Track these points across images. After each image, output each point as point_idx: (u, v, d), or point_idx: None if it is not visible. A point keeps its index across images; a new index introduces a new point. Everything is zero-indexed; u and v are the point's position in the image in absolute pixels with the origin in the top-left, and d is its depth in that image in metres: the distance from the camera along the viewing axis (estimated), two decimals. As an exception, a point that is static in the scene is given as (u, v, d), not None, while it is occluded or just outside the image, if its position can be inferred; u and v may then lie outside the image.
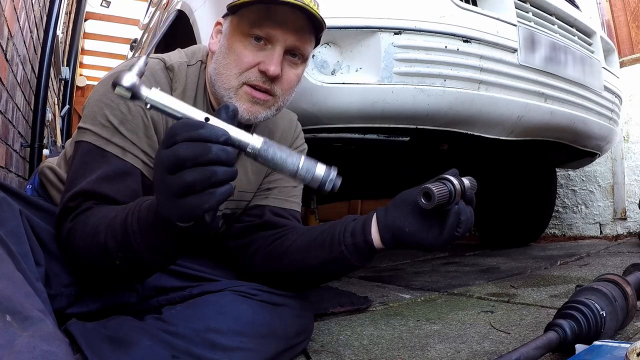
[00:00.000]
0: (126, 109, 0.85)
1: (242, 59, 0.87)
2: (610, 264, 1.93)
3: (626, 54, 3.09)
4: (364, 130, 1.50)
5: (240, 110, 0.89)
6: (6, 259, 0.63)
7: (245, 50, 0.87)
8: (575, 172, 3.21)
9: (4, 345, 0.51)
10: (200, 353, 0.80)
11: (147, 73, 0.87)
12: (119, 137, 0.84)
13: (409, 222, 0.80)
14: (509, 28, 1.58)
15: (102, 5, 5.62)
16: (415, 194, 0.78)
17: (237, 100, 0.89)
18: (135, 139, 0.85)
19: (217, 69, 0.90)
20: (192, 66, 0.95)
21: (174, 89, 0.91)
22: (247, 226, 1.04)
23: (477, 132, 1.60)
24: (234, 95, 0.89)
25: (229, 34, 0.90)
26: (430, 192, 0.74)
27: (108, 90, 0.85)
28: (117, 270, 0.75)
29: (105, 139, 0.83)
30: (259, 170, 1.06)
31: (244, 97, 0.89)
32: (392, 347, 1.05)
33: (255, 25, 0.86)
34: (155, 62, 0.91)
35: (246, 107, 0.89)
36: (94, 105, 0.86)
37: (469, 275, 1.92)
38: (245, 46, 0.87)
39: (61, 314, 0.80)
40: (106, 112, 0.84)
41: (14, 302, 0.56)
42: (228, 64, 0.88)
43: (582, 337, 0.84)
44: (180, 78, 0.92)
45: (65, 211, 0.81)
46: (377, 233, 0.83)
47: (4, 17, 1.50)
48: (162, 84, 0.89)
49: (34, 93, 2.49)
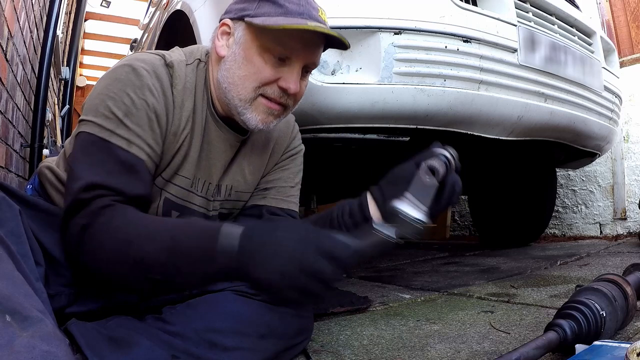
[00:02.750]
0: (130, 101, 0.83)
1: (263, 73, 0.87)
2: (610, 264, 1.93)
3: (626, 54, 3.09)
4: (364, 130, 1.50)
5: (255, 121, 0.90)
6: (6, 259, 0.63)
7: (267, 66, 0.87)
8: (575, 172, 3.21)
9: (3, 346, 0.51)
10: (200, 353, 0.80)
11: (149, 68, 0.87)
12: (124, 128, 0.82)
13: None
14: (509, 28, 1.58)
15: (102, 5, 5.62)
16: (412, 171, 0.83)
17: (252, 110, 0.89)
18: (140, 132, 0.84)
19: (232, 79, 0.89)
20: (190, 65, 0.94)
21: (174, 85, 0.90)
22: None
23: (477, 132, 1.60)
24: (250, 106, 0.89)
25: (245, 44, 0.88)
26: (435, 170, 0.80)
27: (110, 84, 0.85)
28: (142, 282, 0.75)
29: (109, 130, 0.82)
30: (257, 170, 1.06)
31: (260, 108, 0.90)
32: (392, 347, 1.04)
33: (279, 44, 0.86)
34: (156, 58, 0.91)
35: (262, 118, 0.90)
36: (95, 99, 0.85)
37: (469, 275, 1.92)
38: (265, 61, 0.87)
39: (61, 313, 0.80)
40: (109, 103, 0.83)
41: (14, 302, 0.56)
42: (246, 77, 0.88)
43: (582, 337, 0.84)
44: (180, 75, 0.91)
45: (78, 204, 0.77)
46: (377, 211, 0.86)
47: (4, 17, 1.50)
48: (163, 80, 0.88)
49: (34, 93, 2.48)
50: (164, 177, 0.91)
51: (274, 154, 1.08)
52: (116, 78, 0.85)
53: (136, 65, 0.86)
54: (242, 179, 1.03)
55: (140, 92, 0.84)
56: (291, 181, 1.10)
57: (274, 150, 1.08)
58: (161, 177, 0.91)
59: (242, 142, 1.02)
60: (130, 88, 0.84)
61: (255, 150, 1.05)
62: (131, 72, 0.85)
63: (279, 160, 1.10)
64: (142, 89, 0.84)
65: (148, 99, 0.85)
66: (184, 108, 0.91)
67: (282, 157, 1.10)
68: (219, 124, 0.96)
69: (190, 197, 0.96)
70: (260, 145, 1.06)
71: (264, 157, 1.07)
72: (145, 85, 0.85)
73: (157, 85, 0.87)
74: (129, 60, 0.88)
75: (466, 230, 3.92)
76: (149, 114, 0.85)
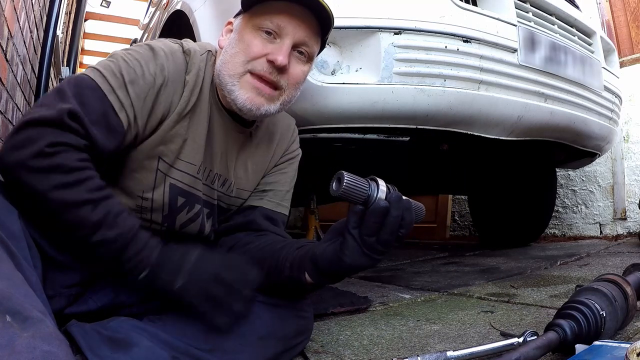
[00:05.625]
0: (140, 72, 0.86)
1: (251, 48, 0.90)
2: (610, 264, 1.93)
3: (626, 54, 3.09)
4: (364, 130, 1.50)
5: (242, 99, 0.91)
6: (6, 259, 0.63)
7: (255, 40, 0.90)
8: (575, 172, 3.21)
9: (4, 346, 0.51)
10: (200, 354, 0.80)
11: (167, 50, 0.91)
12: (124, 92, 0.84)
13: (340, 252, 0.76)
14: (509, 28, 1.58)
15: (102, 5, 5.63)
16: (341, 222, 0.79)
17: (239, 87, 0.91)
18: (137, 103, 0.85)
19: (224, 59, 0.93)
20: (202, 55, 0.97)
21: (188, 71, 0.93)
22: (234, 224, 1.06)
23: (477, 132, 1.60)
24: (237, 82, 0.91)
25: (239, 28, 0.93)
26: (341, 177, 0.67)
27: (128, 53, 0.88)
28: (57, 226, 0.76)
29: (111, 86, 0.83)
30: (259, 169, 1.07)
31: (247, 85, 0.90)
32: (392, 347, 1.05)
33: (267, 19, 0.89)
34: (175, 44, 0.95)
35: (249, 97, 0.90)
36: (112, 57, 0.88)
37: (469, 275, 1.92)
38: (255, 37, 0.90)
39: (60, 314, 0.80)
40: (121, 65, 0.85)
41: (14, 302, 0.56)
42: (236, 53, 0.91)
43: (582, 337, 0.84)
44: (195, 62, 0.94)
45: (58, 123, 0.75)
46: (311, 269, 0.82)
47: (4, 17, 1.50)
48: (178, 64, 0.92)
49: (34, 93, 2.48)
50: (167, 161, 0.92)
51: (275, 154, 1.09)
52: (135, 50, 0.90)
53: (155, 46, 0.91)
54: (245, 176, 1.05)
55: (152, 68, 0.87)
56: (287, 185, 1.11)
57: (275, 151, 1.09)
58: (164, 161, 0.92)
59: (247, 139, 1.03)
60: (145, 61, 0.87)
61: (260, 149, 1.06)
62: (150, 50, 0.90)
63: (278, 162, 1.11)
64: (155, 66, 0.88)
65: (157, 78, 0.88)
66: (193, 93, 0.93)
67: (281, 160, 1.11)
68: (222, 113, 0.98)
69: (196, 183, 0.97)
70: (264, 145, 1.07)
71: (267, 157, 1.08)
72: (159, 65, 0.88)
73: (171, 67, 0.90)
74: (148, 42, 0.93)
75: (466, 230, 3.92)
76: (151, 90, 0.87)
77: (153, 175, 0.92)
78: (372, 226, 0.72)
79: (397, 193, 0.74)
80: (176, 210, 0.96)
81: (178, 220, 0.97)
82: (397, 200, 0.72)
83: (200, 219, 1.00)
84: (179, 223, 0.98)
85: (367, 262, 0.74)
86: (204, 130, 0.95)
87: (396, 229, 0.73)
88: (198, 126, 0.94)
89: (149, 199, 0.92)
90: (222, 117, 0.98)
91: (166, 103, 0.89)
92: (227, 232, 1.05)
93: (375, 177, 0.73)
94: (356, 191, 0.69)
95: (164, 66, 0.89)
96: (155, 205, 0.94)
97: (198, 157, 0.95)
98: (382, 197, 0.72)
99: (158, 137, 0.90)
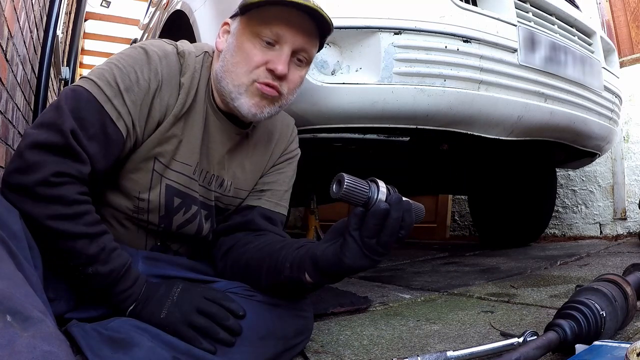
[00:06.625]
0: (135, 78, 0.86)
1: (251, 57, 0.90)
2: (610, 264, 1.93)
3: (626, 54, 3.09)
4: (364, 130, 1.50)
5: (248, 105, 0.91)
6: (7, 259, 0.63)
7: (255, 50, 0.90)
8: (575, 172, 3.21)
9: (4, 346, 0.51)
10: (201, 354, 0.80)
11: (161, 54, 0.91)
12: (120, 100, 0.85)
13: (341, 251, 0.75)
14: (509, 28, 1.58)
15: (102, 5, 5.63)
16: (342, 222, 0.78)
17: (246, 95, 0.91)
18: (133, 110, 0.86)
19: (225, 67, 0.92)
20: (198, 57, 0.97)
21: (182, 73, 0.93)
22: (232, 224, 1.06)
23: (477, 132, 1.60)
24: (244, 91, 0.91)
25: (237, 34, 0.92)
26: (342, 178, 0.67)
27: (121, 58, 0.88)
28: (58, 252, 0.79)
29: (106, 96, 0.84)
30: (257, 169, 1.07)
31: (255, 92, 0.91)
32: (392, 347, 1.05)
33: (265, 27, 0.89)
34: (169, 46, 0.94)
35: (255, 102, 0.91)
36: (104, 65, 0.88)
37: (469, 275, 1.92)
38: (254, 45, 0.90)
39: (60, 318, 0.81)
40: (115, 73, 0.86)
41: (15, 302, 0.56)
42: (237, 63, 0.91)
43: (582, 337, 0.84)
44: (189, 64, 0.94)
45: (57, 149, 0.78)
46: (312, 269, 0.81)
47: (4, 17, 1.49)
48: (172, 66, 0.92)
49: (34, 93, 2.48)
50: (163, 162, 0.93)
51: (273, 154, 1.09)
52: (129, 55, 0.89)
53: (149, 49, 0.90)
54: (243, 176, 1.05)
55: (147, 73, 0.88)
56: (286, 185, 1.11)
57: (273, 151, 1.09)
58: (159, 162, 0.93)
59: (244, 138, 1.03)
60: (139, 67, 0.87)
61: (257, 149, 1.06)
62: (143, 54, 0.89)
63: (276, 162, 1.11)
64: (149, 71, 0.88)
65: (151, 83, 0.88)
66: (189, 95, 0.93)
67: (280, 159, 1.11)
68: (218, 115, 0.98)
69: (192, 184, 0.97)
70: (262, 145, 1.07)
71: (265, 157, 1.08)
72: (153, 69, 0.88)
73: (165, 71, 0.90)
74: (143, 44, 0.92)
75: (466, 230, 3.92)
76: (146, 96, 0.88)
77: (149, 176, 0.92)
78: (372, 228, 0.72)
79: (397, 195, 0.74)
80: (172, 211, 0.97)
81: (175, 221, 0.98)
82: (397, 202, 0.72)
83: (197, 220, 1.00)
84: (175, 224, 0.98)
85: (367, 263, 0.75)
86: (199, 131, 0.95)
87: (396, 230, 0.73)
88: (193, 127, 0.95)
89: (146, 199, 0.93)
90: (216, 117, 0.98)
91: (162, 107, 0.90)
92: (225, 232, 1.06)
93: (375, 178, 0.74)
94: (357, 193, 0.69)
95: (157, 70, 0.89)
96: (151, 206, 0.94)
97: (194, 158, 0.96)
98: (382, 198, 0.72)
99: (155, 139, 0.91)
